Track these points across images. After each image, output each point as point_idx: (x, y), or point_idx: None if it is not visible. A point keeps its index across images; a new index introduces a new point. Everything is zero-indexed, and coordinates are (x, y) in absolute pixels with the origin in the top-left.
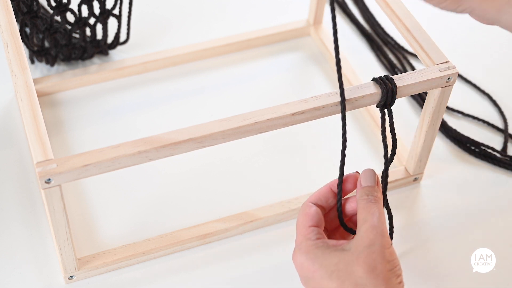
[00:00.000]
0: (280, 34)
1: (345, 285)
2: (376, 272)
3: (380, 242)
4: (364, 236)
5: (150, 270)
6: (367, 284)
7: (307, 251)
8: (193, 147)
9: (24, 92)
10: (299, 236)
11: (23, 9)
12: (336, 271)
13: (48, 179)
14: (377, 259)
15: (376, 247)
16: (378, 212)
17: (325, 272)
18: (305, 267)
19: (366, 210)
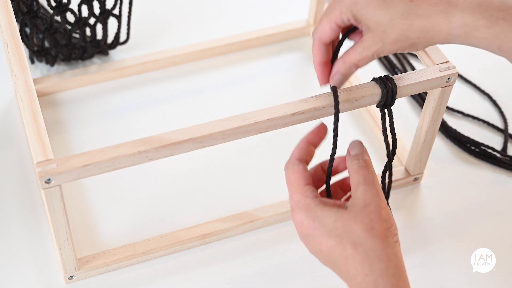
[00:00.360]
0: (280, 34)
1: (343, 243)
2: (373, 231)
3: (376, 202)
4: (360, 198)
5: (150, 270)
6: (364, 243)
7: (307, 209)
8: (193, 147)
9: (24, 92)
10: (296, 194)
11: (23, 9)
12: (335, 229)
13: (48, 179)
14: (374, 219)
15: (372, 207)
16: (371, 174)
17: (324, 230)
18: (305, 224)
19: (359, 173)
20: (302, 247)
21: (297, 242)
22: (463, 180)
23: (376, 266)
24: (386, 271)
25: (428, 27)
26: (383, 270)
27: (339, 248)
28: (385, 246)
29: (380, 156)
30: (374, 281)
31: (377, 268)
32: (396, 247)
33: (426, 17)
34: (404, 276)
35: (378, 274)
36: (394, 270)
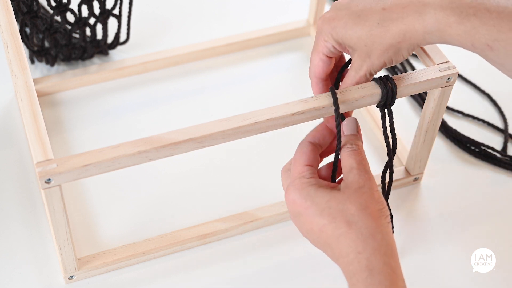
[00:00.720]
0: (280, 34)
1: (337, 221)
2: (368, 210)
3: (369, 185)
4: (354, 181)
5: (150, 270)
6: (358, 222)
7: (301, 188)
8: (193, 147)
9: (24, 92)
10: (294, 173)
11: (23, 9)
12: (327, 209)
13: (48, 179)
14: (368, 199)
15: (365, 189)
16: (364, 160)
17: (317, 209)
18: (297, 203)
19: (352, 158)
20: (302, 247)
21: (298, 242)
22: (463, 180)
23: (370, 244)
24: (379, 249)
25: (404, 29)
26: (376, 248)
27: (331, 226)
28: (378, 225)
29: (380, 156)
30: (367, 258)
31: (370, 246)
32: (388, 227)
33: (401, 20)
34: (396, 256)
35: (371, 252)
36: (387, 248)
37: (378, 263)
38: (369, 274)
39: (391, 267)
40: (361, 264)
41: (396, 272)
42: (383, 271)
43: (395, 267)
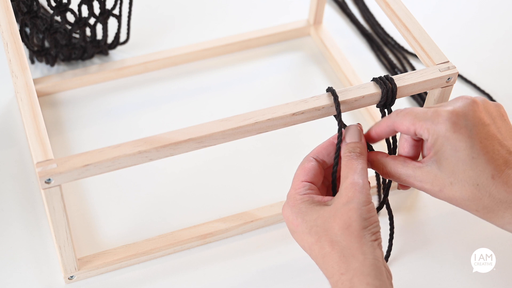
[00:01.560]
0: (280, 34)
1: (321, 240)
2: (350, 229)
3: (358, 199)
4: (343, 193)
5: (150, 270)
6: (341, 241)
7: (293, 205)
8: (193, 147)
9: (24, 92)
10: (291, 189)
11: (23, 9)
12: (315, 227)
13: (48, 179)
14: (353, 216)
15: (353, 204)
16: (360, 168)
17: (306, 227)
18: (290, 220)
19: (348, 167)
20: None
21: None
22: None
23: (352, 265)
24: (361, 270)
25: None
26: (358, 269)
27: (317, 245)
28: (361, 245)
29: None
30: (350, 280)
31: (352, 267)
32: (374, 245)
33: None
34: (382, 275)
35: (353, 273)
36: (370, 269)
37: (361, 285)
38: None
39: (375, 287)
40: (344, 286)
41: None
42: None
43: (380, 286)
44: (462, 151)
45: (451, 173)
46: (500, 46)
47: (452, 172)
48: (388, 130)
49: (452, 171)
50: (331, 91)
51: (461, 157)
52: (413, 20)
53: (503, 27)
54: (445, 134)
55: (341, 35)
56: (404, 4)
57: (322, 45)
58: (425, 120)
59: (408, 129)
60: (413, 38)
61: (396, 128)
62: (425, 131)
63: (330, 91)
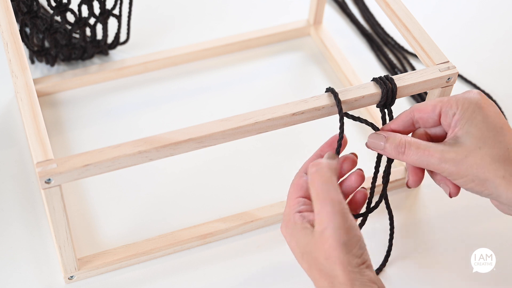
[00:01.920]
0: (280, 34)
1: (312, 268)
2: (332, 259)
3: (333, 224)
4: (318, 219)
5: (150, 270)
6: (328, 271)
7: (287, 225)
8: (193, 147)
9: (24, 92)
10: (286, 207)
11: (23, 9)
12: (306, 254)
13: (48, 179)
14: (332, 245)
15: (329, 232)
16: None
17: (299, 252)
18: (287, 240)
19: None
20: None
21: None
22: None
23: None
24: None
25: None
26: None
27: (309, 272)
28: (347, 273)
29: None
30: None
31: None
32: (361, 271)
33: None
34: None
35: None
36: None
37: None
38: None
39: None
40: None
41: None
42: None
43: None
44: (493, 118)
45: (480, 139)
46: (500, 46)
47: (481, 137)
48: (406, 119)
49: (481, 136)
50: (331, 90)
51: (492, 123)
52: (413, 20)
53: (503, 27)
54: (477, 102)
55: (341, 35)
56: (404, 4)
57: (322, 45)
58: (453, 96)
59: (433, 108)
60: (413, 38)
61: (418, 112)
62: (453, 104)
63: (330, 91)
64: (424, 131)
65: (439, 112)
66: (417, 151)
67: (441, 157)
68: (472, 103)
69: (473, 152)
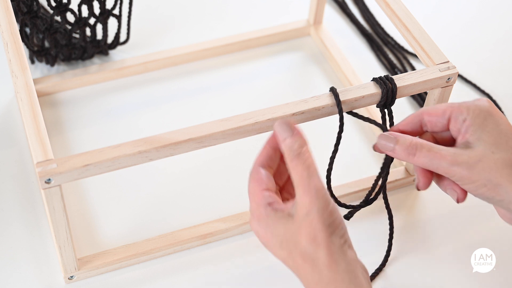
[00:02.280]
0: (280, 34)
1: (293, 255)
2: (317, 240)
3: (316, 207)
4: (300, 204)
5: (150, 270)
6: (311, 254)
7: (259, 219)
8: (193, 147)
9: (24, 92)
10: (252, 203)
11: (23, 9)
12: (285, 241)
13: (48, 179)
14: (317, 226)
15: (313, 214)
16: (305, 169)
17: (276, 242)
18: (260, 234)
19: (294, 170)
20: None
21: None
22: None
23: (325, 274)
24: (334, 278)
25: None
26: (331, 278)
27: (290, 259)
28: (331, 254)
29: (380, 156)
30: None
31: (325, 277)
32: (344, 250)
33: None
34: (356, 278)
35: (327, 283)
36: (343, 275)
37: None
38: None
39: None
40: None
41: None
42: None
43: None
44: (504, 125)
45: (492, 144)
46: (500, 46)
47: (493, 143)
48: (414, 121)
49: (493, 142)
50: (332, 90)
51: (503, 130)
52: (413, 20)
53: (503, 27)
54: (488, 109)
55: (341, 35)
56: (404, 4)
57: (322, 45)
58: (464, 103)
59: (443, 112)
60: (413, 38)
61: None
62: (464, 110)
63: (331, 91)
64: (431, 135)
65: (448, 117)
66: (429, 153)
67: (453, 160)
68: (483, 110)
69: (486, 157)
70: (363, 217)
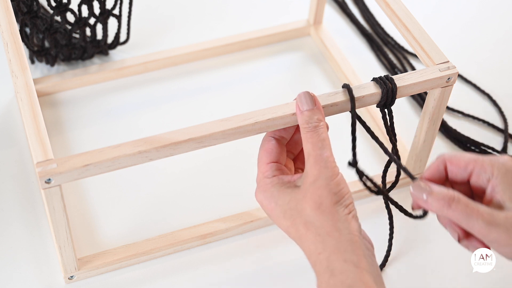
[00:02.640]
0: (280, 34)
1: (296, 223)
2: (322, 208)
3: (324, 175)
4: (309, 172)
5: (150, 270)
6: (314, 222)
7: (264, 189)
8: (193, 147)
9: (24, 92)
10: (258, 173)
11: (23, 9)
12: (289, 210)
13: (48, 179)
14: (323, 194)
15: (320, 182)
16: (320, 141)
17: (280, 211)
18: (264, 205)
19: (308, 141)
20: None
21: None
22: None
23: (328, 243)
24: (337, 247)
25: None
26: (335, 246)
27: (293, 228)
28: (335, 222)
29: (380, 156)
30: (327, 258)
31: (328, 245)
32: (348, 219)
33: None
34: (359, 249)
35: (331, 251)
36: (346, 245)
37: (338, 262)
38: (331, 275)
39: (353, 262)
40: (322, 265)
41: (360, 266)
42: (345, 269)
43: (358, 260)
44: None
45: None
46: (500, 46)
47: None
48: (440, 168)
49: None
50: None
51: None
52: (413, 20)
53: (503, 27)
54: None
55: (341, 35)
56: (404, 4)
57: (322, 45)
58: (487, 158)
59: (466, 165)
60: (413, 38)
61: (450, 164)
62: (488, 167)
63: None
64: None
65: (471, 172)
66: (466, 209)
67: (491, 220)
68: (509, 170)
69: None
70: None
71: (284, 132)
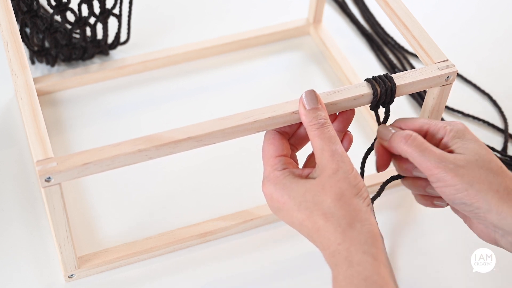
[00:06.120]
0: (280, 33)
1: (313, 215)
2: (343, 199)
3: (343, 168)
4: (327, 166)
5: (150, 269)
6: (335, 213)
7: (276, 182)
8: (193, 145)
9: (24, 91)
10: (266, 167)
11: (23, 8)
12: (304, 202)
13: (48, 178)
14: (343, 186)
15: (340, 175)
16: (333, 136)
17: (294, 204)
18: (274, 198)
19: (320, 137)
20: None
21: (297, 240)
22: None
23: (348, 234)
24: (358, 238)
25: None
26: (355, 238)
27: (310, 221)
28: (356, 213)
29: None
30: (347, 249)
31: (349, 236)
32: (368, 211)
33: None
34: (378, 241)
35: (350, 242)
36: (367, 236)
37: (357, 254)
38: (349, 266)
39: (372, 254)
40: (341, 256)
41: (378, 258)
42: (363, 261)
43: (377, 253)
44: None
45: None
46: (499, 45)
47: (476, 153)
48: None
49: (476, 152)
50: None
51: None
52: (412, 19)
53: (502, 26)
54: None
55: (341, 35)
56: (403, 4)
57: (322, 44)
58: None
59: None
60: (413, 37)
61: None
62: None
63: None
64: None
65: (426, 131)
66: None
67: (442, 158)
68: (460, 129)
69: (471, 163)
70: None
71: (288, 128)
